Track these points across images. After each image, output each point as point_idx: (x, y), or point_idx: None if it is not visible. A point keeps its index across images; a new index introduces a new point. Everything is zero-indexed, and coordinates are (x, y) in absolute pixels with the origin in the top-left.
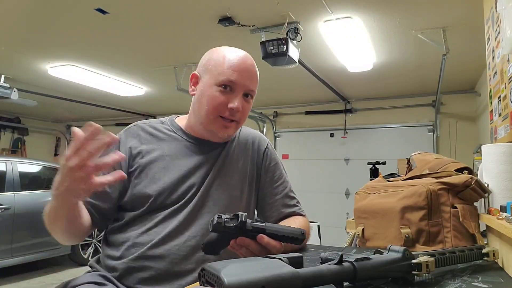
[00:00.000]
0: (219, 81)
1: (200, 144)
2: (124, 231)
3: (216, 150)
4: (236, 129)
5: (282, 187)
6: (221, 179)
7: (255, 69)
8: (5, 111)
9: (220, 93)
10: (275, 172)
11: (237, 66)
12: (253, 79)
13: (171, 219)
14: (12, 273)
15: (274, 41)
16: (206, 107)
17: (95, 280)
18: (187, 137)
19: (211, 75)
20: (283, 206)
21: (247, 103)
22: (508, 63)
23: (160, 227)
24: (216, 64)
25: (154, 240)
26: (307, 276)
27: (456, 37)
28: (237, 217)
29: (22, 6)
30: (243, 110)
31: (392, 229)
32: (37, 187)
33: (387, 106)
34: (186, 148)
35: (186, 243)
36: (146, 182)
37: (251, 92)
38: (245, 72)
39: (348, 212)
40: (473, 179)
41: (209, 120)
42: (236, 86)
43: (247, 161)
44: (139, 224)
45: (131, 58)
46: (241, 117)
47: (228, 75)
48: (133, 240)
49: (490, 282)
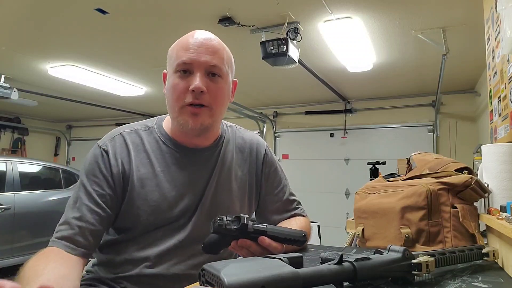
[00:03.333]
0: (174, 67)
1: (192, 155)
2: (119, 248)
3: (211, 160)
4: (211, 116)
5: (282, 193)
6: (219, 193)
7: (216, 44)
8: (5, 111)
9: (179, 79)
10: (274, 178)
11: (190, 44)
12: (213, 54)
13: (169, 238)
14: (12, 273)
15: (274, 41)
16: (171, 99)
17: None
18: (176, 148)
19: (170, 65)
20: (284, 211)
21: (214, 83)
22: (508, 63)
23: (158, 246)
24: (171, 53)
25: (150, 258)
26: (307, 276)
27: (456, 37)
28: (239, 219)
29: (22, 6)
30: (211, 91)
31: (392, 229)
32: (37, 187)
33: (387, 106)
34: (177, 161)
35: (186, 262)
36: (139, 202)
37: (214, 68)
38: (200, 48)
39: (348, 212)
40: (473, 179)
41: (176, 112)
42: (193, 65)
43: (245, 170)
44: (134, 241)
45: (131, 58)
46: (212, 100)
47: (180, 56)
48: (128, 257)
49: (490, 282)
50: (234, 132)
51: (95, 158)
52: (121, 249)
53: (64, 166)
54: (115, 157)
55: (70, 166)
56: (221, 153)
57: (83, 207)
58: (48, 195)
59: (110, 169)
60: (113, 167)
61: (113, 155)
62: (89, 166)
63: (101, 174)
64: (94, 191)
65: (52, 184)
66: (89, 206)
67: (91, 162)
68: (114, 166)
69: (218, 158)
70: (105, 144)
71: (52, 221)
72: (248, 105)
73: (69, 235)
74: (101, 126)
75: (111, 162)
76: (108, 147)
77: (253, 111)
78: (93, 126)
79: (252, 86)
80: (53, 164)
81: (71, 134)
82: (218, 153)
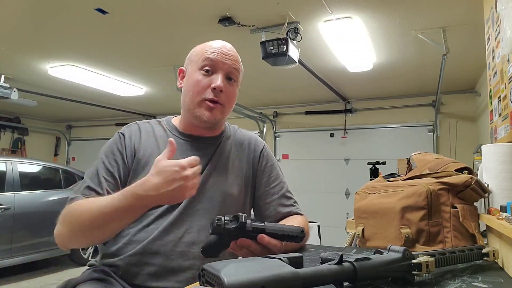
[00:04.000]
0: (200, 65)
1: (194, 141)
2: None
3: (211, 147)
4: (222, 113)
5: (279, 188)
6: (216, 176)
7: (236, 54)
8: (5, 111)
9: (203, 76)
10: (271, 172)
11: (216, 48)
12: (234, 61)
13: (166, 216)
14: (12, 273)
15: (274, 41)
16: (191, 92)
17: (96, 276)
18: (181, 135)
19: (194, 63)
20: (280, 205)
21: (230, 86)
22: (508, 63)
23: (156, 224)
24: (198, 53)
25: (150, 236)
26: (307, 276)
27: (456, 37)
28: (237, 219)
29: (22, 6)
30: (227, 92)
31: (392, 229)
32: (37, 187)
33: (387, 106)
34: (180, 146)
35: (182, 239)
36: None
37: (234, 72)
38: (224, 53)
39: (348, 212)
40: (473, 179)
41: (194, 105)
42: (217, 65)
43: (243, 161)
44: (135, 221)
45: (131, 58)
46: (226, 100)
47: (207, 55)
48: (130, 237)
49: (490, 282)
50: (235, 130)
51: (114, 140)
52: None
53: (64, 166)
54: (130, 138)
55: (70, 166)
56: (221, 143)
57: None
58: (48, 195)
59: (125, 148)
60: (127, 147)
61: (128, 137)
62: (108, 146)
63: (118, 150)
64: (110, 165)
65: (52, 184)
66: (105, 177)
67: (110, 143)
68: (128, 145)
69: (218, 147)
70: (123, 130)
71: (52, 221)
72: (248, 105)
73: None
74: (101, 126)
75: (126, 142)
76: (124, 131)
77: (253, 111)
78: (93, 126)
79: (252, 86)
80: (53, 164)
81: (71, 134)
82: (218, 144)
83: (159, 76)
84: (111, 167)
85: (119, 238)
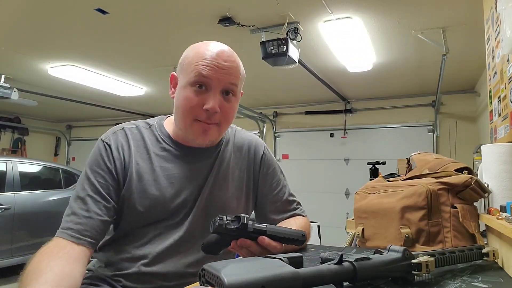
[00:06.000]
0: (192, 80)
1: (191, 153)
2: (117, 246)
3: (209, 159)
4: (219, 132)
5: (281, 193)
6: (216, 192)
7: (235, 61)
8: (5, 111)
9: (194, 94)
10: (273, 178)
11: (211, 60)
12: (232, 73)
13: (166, 236)
14: (12, 273)
15: (274, 41)
16: (181, 111)
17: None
18: (175, 146)
19: (185, 74)
20: (284, 211)
21: (227, 102)
22: (508, 63)
23: (155, 244)
24: (189, 61)
25: (149, 256)
26: (307, 276)
27: (456, 37)
28: (239, 219)
29: (22, 6)
30: (223, 111)
31: (392, 229)
32: (37, 187)
33: (387, 106)
34: (176, 158)
35: (182, 260)
36: (136, 195)
37: (231, 87)
38: (220, 67)
39: (348, 212)
40: (473, 179)
41: (186, 125)
42: (211, 82)
43: (243, 170)
44: (132, 238)
45: (131, 58)
46: (223, 119)
47: (200, 70)
48: (127, 255)
49: (490, 282)
50: (233, 133)
51: (98, 151)
52: (119, 247)
53: (64, 166)
54: (117, 150)
55: (70, 166)
56: (220, 152)
57: (89, 198)
58: (48, 195)
59: (113, 162)
60: (116, 160)
61: (115, 148)
62: (93, 159)
63: (105, 166)
64: (98, 183)
65: (52, 184)
66: (94, 197)
67: (95, 156)
68: (117, 158)
69: (217, 157)
70: (107, 138)
71: (52, 221)
72: (248, 105)
73: (76, 224)
74: (101, 126)
75: (114, 155)
76: (110, 141)
77: (253, 111)
78: (93, 126)
79: (252, 86)
80: (53, 164)
81: (71, 134)
82: (217, 153)
83: (159, 76)
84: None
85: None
